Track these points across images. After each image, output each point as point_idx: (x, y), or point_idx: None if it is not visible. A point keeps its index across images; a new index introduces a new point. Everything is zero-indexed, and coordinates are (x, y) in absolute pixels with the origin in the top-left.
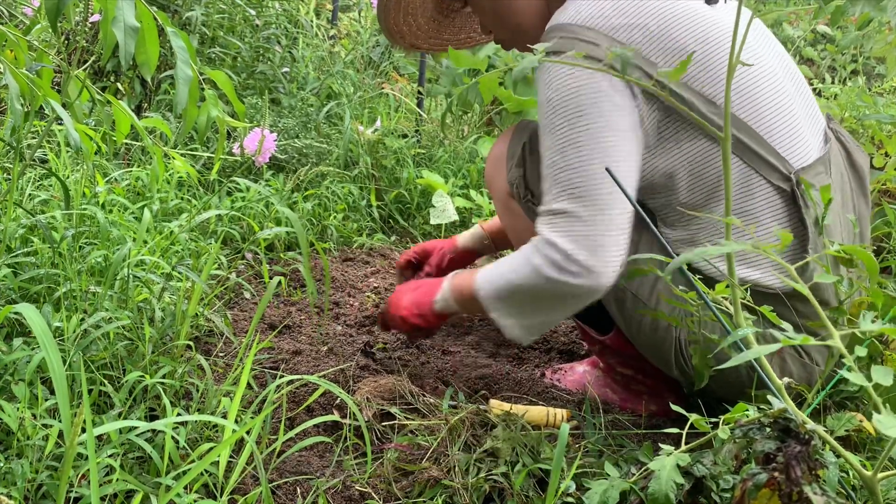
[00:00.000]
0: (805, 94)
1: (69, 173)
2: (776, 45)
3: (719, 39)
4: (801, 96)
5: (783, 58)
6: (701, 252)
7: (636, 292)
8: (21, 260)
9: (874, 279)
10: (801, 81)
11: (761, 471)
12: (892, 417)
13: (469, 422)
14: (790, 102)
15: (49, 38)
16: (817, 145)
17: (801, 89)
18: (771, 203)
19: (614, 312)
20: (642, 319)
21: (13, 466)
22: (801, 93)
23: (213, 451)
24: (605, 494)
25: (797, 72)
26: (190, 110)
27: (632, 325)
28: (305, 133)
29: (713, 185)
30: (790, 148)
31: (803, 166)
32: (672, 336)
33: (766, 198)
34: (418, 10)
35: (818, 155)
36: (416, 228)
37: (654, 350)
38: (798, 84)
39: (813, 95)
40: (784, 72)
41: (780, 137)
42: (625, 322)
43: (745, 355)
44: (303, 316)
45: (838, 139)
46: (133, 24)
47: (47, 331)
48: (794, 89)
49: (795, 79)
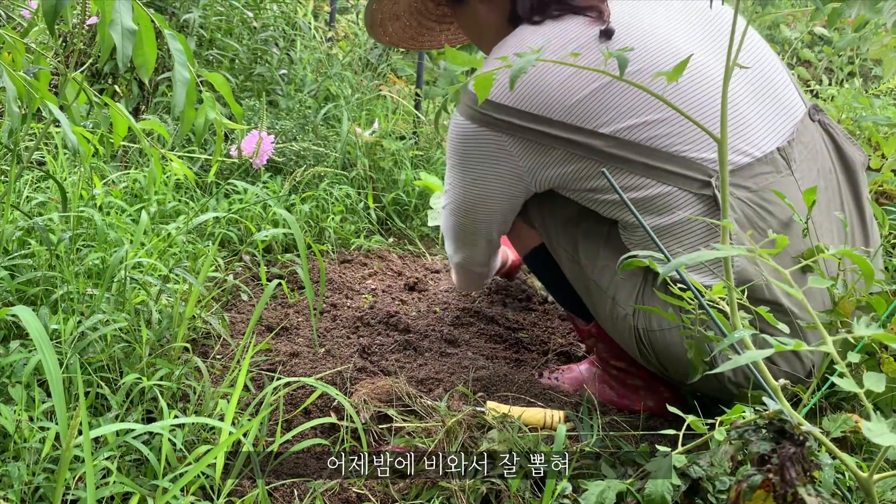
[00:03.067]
0: (769, 90)
1: (66, 175)
2: (746, 40)
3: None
4: (758, 93)
5: (751, 52)
6: (694, 256)
7: (598, 282)
8: (18, 262)
9: (869, 283)
10: (768, 77)
11: (756, 472)
12: (881, 425)
13: (466, 424)
14: (735, 102)
15: (46, 41)
16: (768, 144)
17: (763, 85)
18: (695, 211)
19: (587, 303)
20: (605, 310)
21: (10, 469)
22: (760, 89)
23: (210, 454)
24: (602, 496)
25: (767, 66)
26: (187, 112)
27: (599, 315)
28: (303, 135)
29: (637, 204)
30: (712, 151)
31: (732, 169)
32: (630, 325)
33: (688, 207)
34: (403, 14)
35: (763, 153)
36: (414, 230)
37: (621, 338)
38: (760, 80)
39: (787, 86)
40: (722, 67)
41: (699, 142)
42: (595, 312)
43: (739, 360)
44: (300, 318)
45: (826, 131)
46: (130, 27)
47: (44, 333)
48: (748, 86)
49: (753, 75)
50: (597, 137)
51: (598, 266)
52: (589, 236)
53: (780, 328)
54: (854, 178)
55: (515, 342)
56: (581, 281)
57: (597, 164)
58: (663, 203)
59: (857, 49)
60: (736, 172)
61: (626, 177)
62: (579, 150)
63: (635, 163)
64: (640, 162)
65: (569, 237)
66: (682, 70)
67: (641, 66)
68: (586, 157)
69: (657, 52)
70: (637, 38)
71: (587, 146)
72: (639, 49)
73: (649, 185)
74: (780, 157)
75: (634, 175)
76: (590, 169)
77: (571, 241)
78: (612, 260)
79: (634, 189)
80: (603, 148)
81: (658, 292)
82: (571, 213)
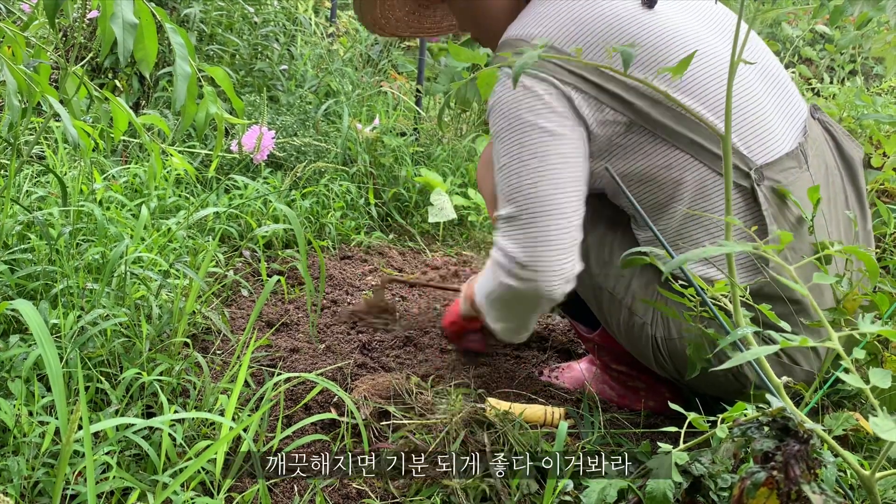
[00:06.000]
0: (778, 85)
1: (67, 170)
2: (750, 39)
3: (669, 40)
4: (771, 89)
5: (751, 50)
6: (699, 252)
7: (612, 291)
8: (18, 257)
9: (874, 279)
10: (773, 72)
11: (760, 469)
12: (888, 420)
13: (467, 420)
14: (753, 95)
15: (47, 35)
16: (791, 139)
17: (773, 81)
18: (731, 201)
19: (595, 311)
20: (619, 319)
21: (9, 463)
22: (772, 85)
23: (210, 449)
24: (604, 493)
25: (771, 63)
26: (188, 107)
27: (611, 324)
28: (304, 131)
29: (672, 188)
30: (753, 143)
31: (768, 162)
32: (647, 334)
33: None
34: (396, 4)
35: (790, 148)
36: (415, 226)
37: (634, 347)
38: (769, 76)
39: (792, 85)
40: (750, 65)
41: (740, 132)
42: (605, 321)
43: (743, 356)
44: (300, 314)
45: (826, 129)
46: (131, 21)
47: (44, 327)
48: (762, 82)
49: (767, 71)
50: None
51: (612, 274)
52: (602, 244)
53: (784, 325)
54: (854, 174)
55: None
56: (590, 289)
57: (648, 133)
58: (698, 189)
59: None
60: (769, 166)
61: (669, 151)
62: (630, 114)
63: (681, 136)
64: (688, 137)
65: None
66: (687, 65)
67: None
68: (640, 126)
69: (684, 44)
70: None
71: (639, 110)
72: (670, 37)
73: (689, 166)
74: (801, 153)
75: (677, 150)
76: (640, 139)
77: (581, 248)
78: (627, 269)
79: (675, 168)
80: (653, 114)
81: (662, 291)
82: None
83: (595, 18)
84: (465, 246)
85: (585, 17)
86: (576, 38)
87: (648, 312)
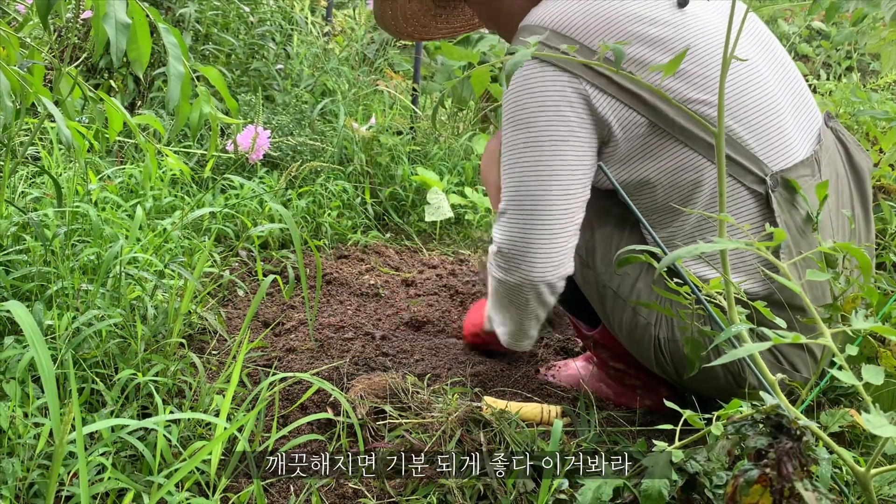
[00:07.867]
0: (797, 93)
1: (61, 171)
2: (770, 43)
3: (692, 40)
4: (790, 95)
5: (774, 56)
6: (692, 249)
7: (617, 290)
8: (13, 258)
9: (867, 276)
10: (793, 80)
11: (753, 467)
12: (881, 417)
13: (463, 419)
14: (774, 102)
15: (41, 35)
16: (806, 146)
17: (792, 88)
18: (745, 206)
19: (598, 309)
20: (622, 318)
21: (4, 465)
22: (791, 92)
23: (205, 449)
24: (599, 491)
25: (791, 69)
26: (182, 107)
27: (613, 323)
28: (300, 130)
29: (689, 190)
30: (770, 149)
31: (783, 168)
32: (650, 334)
33: (739, 200)
34: (418, 12)
35: (805, 156)
36: (411, 226)
37: (636, 348)
38: (789, 82)
39: (810, 93)
40: (771, 70)
41: (759, 139)
42: (607, 319)
43: (737, 352)
44: (296, 313)
45: (839, 138)
46: (124, 21)
47: (36, 328)
48: (783, 88)
49: (787, 77)
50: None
51: (618, 273)
52: (609, 242)
53: (780, 322)
54: (862, 184)
55: None
56: (594, 287)
57: (668, 135)
58: (713, 191)
59: (855, 43)
60: (784, 172)
61: (686, 154)
62: (650, 115)
63: (699, 140)
64: (705, 140)
65: (584, 242)
66: (678, 62)
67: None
68: (660, 129)
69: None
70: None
71: (655, 108)
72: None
73: (704, 168)
74: (815, 161)
75: (695, 153)
76: (660, 141)
77: (587, 246)
78: (632, 268)
79: (691, 170)
80: (673, 116)
81: (657, 289)
82: (588, 217)
83: (624, 18)
84: (462, 245)
85: (613, 16)
86: (602, 34)
87: (653, 313)
